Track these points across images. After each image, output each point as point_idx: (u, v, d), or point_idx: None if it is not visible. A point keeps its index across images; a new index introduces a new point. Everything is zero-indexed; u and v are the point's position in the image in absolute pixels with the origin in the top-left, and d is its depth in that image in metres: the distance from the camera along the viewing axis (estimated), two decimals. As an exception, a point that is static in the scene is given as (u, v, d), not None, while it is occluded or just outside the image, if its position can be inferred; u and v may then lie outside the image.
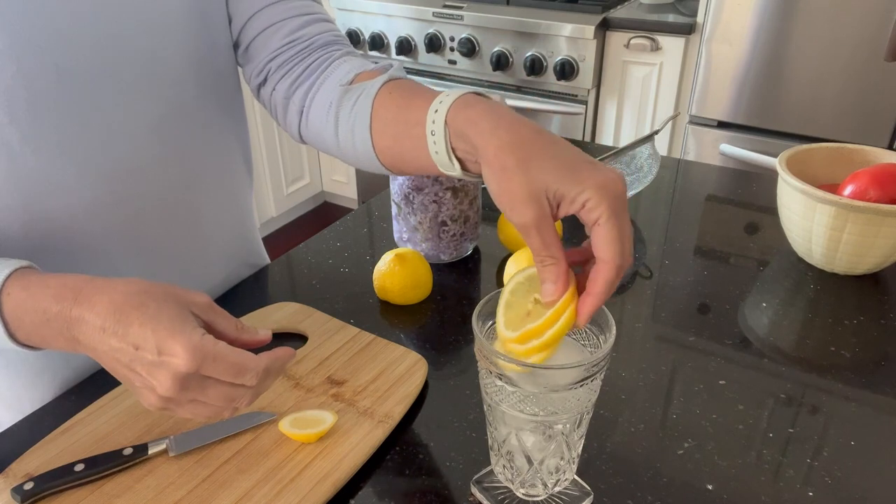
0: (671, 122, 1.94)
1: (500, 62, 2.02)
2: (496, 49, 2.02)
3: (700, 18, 1.77)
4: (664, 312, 0.74)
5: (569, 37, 1.90)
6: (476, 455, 0.56)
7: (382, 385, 0.62)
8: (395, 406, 0.59)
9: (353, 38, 2.26)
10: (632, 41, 1.87)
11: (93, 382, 0.65)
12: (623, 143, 1.92)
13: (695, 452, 0.56)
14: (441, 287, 0.78)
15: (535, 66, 1.97)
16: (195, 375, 0.44)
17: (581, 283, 0.45)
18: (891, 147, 1.64)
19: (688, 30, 1.80)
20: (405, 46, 2.17)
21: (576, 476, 0.53)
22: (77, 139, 0.58)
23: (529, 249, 0.45)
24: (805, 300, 0.76)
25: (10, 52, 0.52)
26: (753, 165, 1.75)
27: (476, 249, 0.86)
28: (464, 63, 2.10)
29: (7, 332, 0.47)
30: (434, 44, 2.11)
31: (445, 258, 0.83)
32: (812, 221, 0.76)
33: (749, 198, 0.99)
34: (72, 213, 0.60)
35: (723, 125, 1.83)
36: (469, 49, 2.06)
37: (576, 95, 2.00)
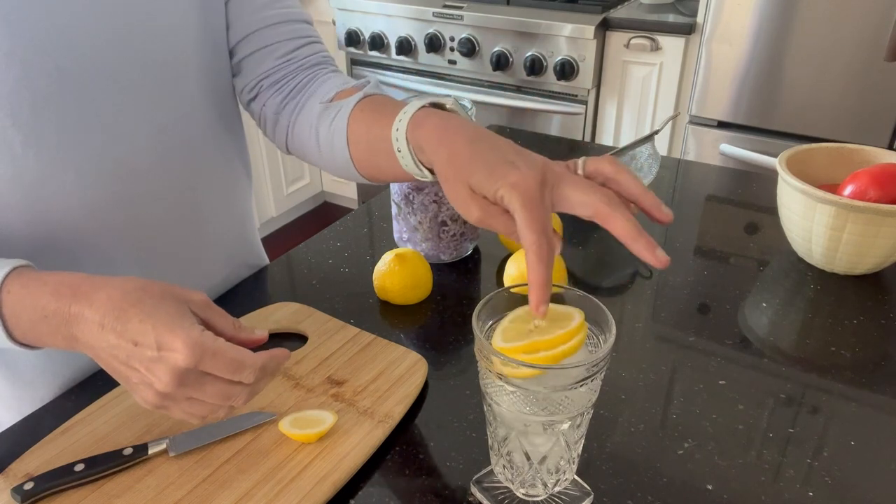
0: (671, 122, 1.94)
1: (500, 62, 2.02)
2: (496, 49, 2.02)
3: (700, 18, 1.77)
4: (664, 312, 0.74)
5: (569, 37, 1.90)
6: (476, 455, 0.56)
7: (382, 385, 0.62)
8: (395, 406, 0.59)
9: (354, 38, 2.26)
10: (632, 41, 1.87)
11: (93, 382, 0.65)
12: (623, 143, 1.92)
13: (695, 452, 0.56)
14: (441, 287, 0.78)
15: (535, 66, 1.97)
16: (193, 371, 0.44)
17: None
18: (891, 147, 1.64)
19: (688, 30, 1.80)
20: (405, 46, 2.16)
21: (576, 476, 0.53)
22: (78, 141, 0.58)
23: None
24: (805, 300, 0.76)
25: (14, 55, 0.52)
26: (753, 165, 1.75)
27: (476, 249, 0.86)
28: (464, 63, 2.10)
29: (5, 330, 0.47)
30: (434, 44, 2.11)
31: (445, 258, 0.83)
32: (812, 221, 0.76)
33: (749, 198, 0.99)
34: (73, 214, 0.60)
35: (723, 125, 1.83)
36: (469, 49, 2.05)
37: (576, 95, 2.00)
